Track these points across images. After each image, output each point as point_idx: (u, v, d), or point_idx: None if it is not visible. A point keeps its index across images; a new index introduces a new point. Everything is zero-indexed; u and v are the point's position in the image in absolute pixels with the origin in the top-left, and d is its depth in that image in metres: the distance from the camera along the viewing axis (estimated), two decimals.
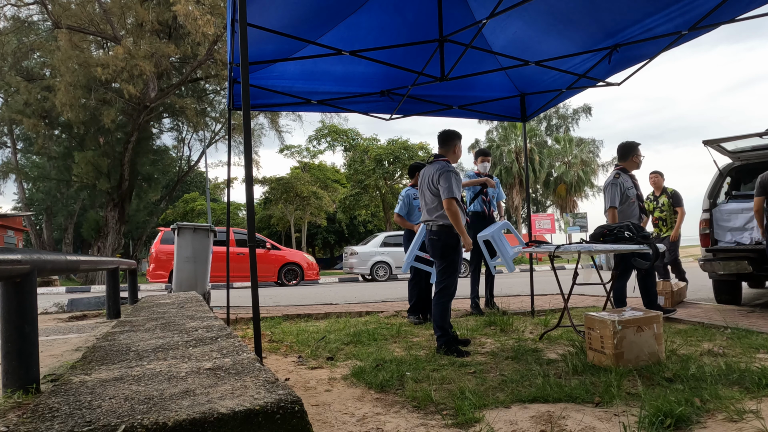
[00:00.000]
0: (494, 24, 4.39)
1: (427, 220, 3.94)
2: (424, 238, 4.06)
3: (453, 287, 3.87)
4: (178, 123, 24.74)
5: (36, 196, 28.68)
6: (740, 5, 3.60)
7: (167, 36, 18.46)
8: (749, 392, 2.56)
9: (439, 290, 3.84)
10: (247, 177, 2.73)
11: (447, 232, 3.81)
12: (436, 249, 3.87)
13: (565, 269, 17.05)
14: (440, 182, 3.77)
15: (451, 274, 3.85)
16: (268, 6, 3.79)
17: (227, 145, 5.61)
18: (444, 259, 3.84)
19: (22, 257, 1.68)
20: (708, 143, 5.99)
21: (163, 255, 12.43)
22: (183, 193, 35.74)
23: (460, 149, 4.08)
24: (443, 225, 3.81)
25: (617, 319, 3.21)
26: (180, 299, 4.68)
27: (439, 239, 3.83)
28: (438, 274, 3.91)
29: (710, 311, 5.44)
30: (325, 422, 2.37)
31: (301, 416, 1.18)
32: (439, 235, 3.83)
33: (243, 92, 2.65)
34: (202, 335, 2.34)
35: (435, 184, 3.81)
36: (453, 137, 4.02)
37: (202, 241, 6.67)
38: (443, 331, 3.80)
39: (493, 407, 2.50)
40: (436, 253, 3.89)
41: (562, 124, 37.28)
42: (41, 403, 1.30)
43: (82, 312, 6.08)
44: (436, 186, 3.80)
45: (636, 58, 4.54)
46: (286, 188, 26.88)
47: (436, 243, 3.86)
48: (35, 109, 18.51)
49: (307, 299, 9.20)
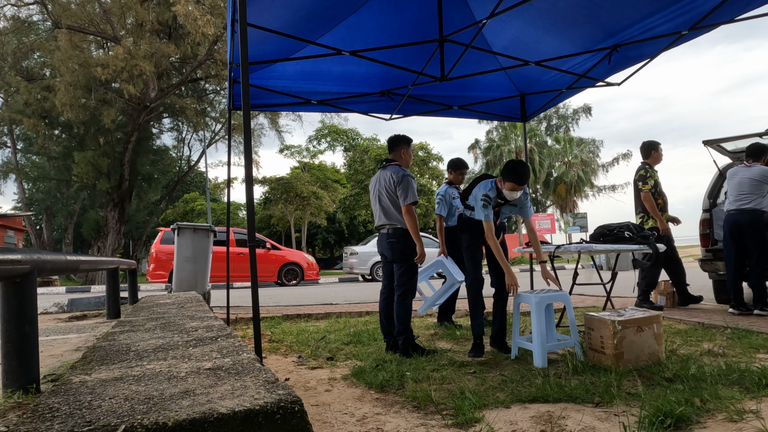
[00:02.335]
0: (494, 24, 4.39)
1: (384, 224, 3.96)
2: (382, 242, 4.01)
3: (415, 288, 3.96)
4: (178, 123, 24.75)
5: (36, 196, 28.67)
6: (740, 5, 3.60)
7: (167, 36, 18.45)
8: (749, 392, 2.56)
9: (402, 293, 3.88)
10: (247, 177, 2.73)
11: (407, 235, 3.86)
12: (395, 252, 3.90)
13: (565, 269, 17.05)
14: (399, 188, 3.83)
15: (411, 275, 3.91)
16: (268, 6, 3.79)
17: (227, 145, 5.61)
18: (404, 261, 3.88)
19: (22, 257, 1.68)
20: (708, 143, 5.99)
21: (163, 255, 12.43)
22: (183, 193, 35.73)
23: (408, 154, 4.11)
24: (402, 228, 3.86)
25: (617, 319, 3.21)
26: (180, 299, 4.68)
27: (398, 242, 3.87)
28: (399, 277, 3.91)
29: (710, 311, 5.44)
30: (325, 422, 2.37)
31: (301, 416, 1.18)
32: (398, 238, 3.88)
33: (243, 92, 2.65)
34: (202, 335, 2.34)
35: (392, 190, 3.87)
36: (400, 142, 4.07)
37: (202, 241, 6.67)
38: (409, 332, 3.84)
39: (493, 407, 2.50)
40: (396, 257, 3.90)
41: (562, 124, 37.25)
42: (41, 403, 1.30)
43: (82, 312, 6.08)
44: (393, 191, 3.87)
45: (636, 58, 4.54)
46: (286, 188, 26.86)
47: (395, 246, 3.89)
48: (35, 109, 18.50)
49: (307, 299, 9.20)
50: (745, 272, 5.25)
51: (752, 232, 5.09)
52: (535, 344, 3.34)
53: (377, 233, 4.10)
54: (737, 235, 5.19)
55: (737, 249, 5.20)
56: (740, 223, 5.15)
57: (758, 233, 5.08)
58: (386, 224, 3.95)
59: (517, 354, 3.62)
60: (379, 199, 3.99)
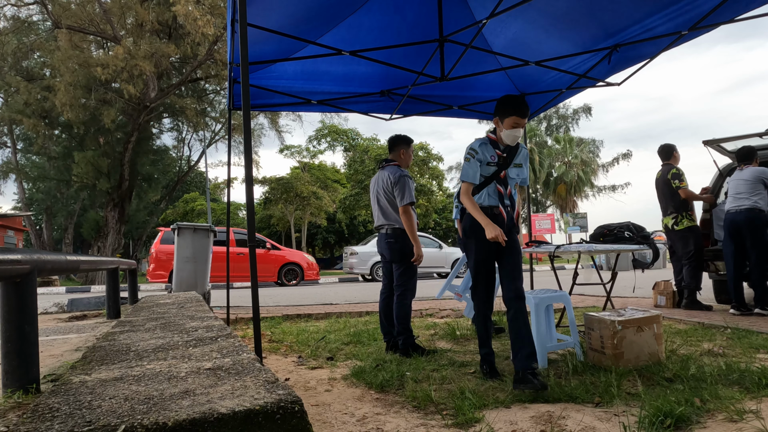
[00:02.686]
0: (494, 24, 4.39)
1: (383, 224, 3.96)
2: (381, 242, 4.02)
3: (414, 289, 3.97)
4: (178, 123, 24.75)
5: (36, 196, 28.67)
6: (740, 5, 3.60)
7: (167, 36, 18.45)
8: (749, 392, 2.56)
9: (402, 293, 3.89)
10: (247, 177, 2.73)
11: (404, 235, 3.86)
12: (394, 252, 3.90)
13: (565, 269, 17.05)
14: (396, 188, 3.85)
15: (411, 276, 3.92)
16: (268, 6, 3.79)
17: (227, 145, 5.61)
18: (403, 262, 3.89)
19: (22, 257, 1.68)
20: (708, 143, 6.00)
21: (163, 255, 12.43)
22: (183, 193, 35.73)
23: (408, 154, 4.10)
24: (400, 228, 3.87)
25: (617, 319, 3.21)
26: (180, 299, 4.68)
27: (397, 242, 3.88)
28: (398, 277, 3.92)
29: (710, 311, 5.44)
30: (325, 422, 2.37)
31: (301, 416, 1.18)
32: (397, 238, 3.88)
33: (243, 92, 2.65)
34: (202, 335, 2.34)
35: (390, 190, 3.88)
36: (400, 142, 4.08)
37: (202, 241, 6.67)
38: (409, 332, 3.85)
39: (493, 407, 2.50)
40: (395, 257, 3.91)
41: (562, 124, 37.25)
42: (41, 403, 1.30)
43: (82, 312, 6.08)
44: (391, 191, 3.88)
45: (636, 58, 4.54)
46: (286, 188, 26.86)
47: (393, 246, 3.89)
48: (35, 109, 18.50)
49: (307, 299, 9.20)
50: (746, 272, 5.25)
51: (750, 231, 5.10)
52: (535, 344, 3.33)
53: (377, 233, 4.10)
54: (736, 235, 5.20)
55: (737, 248, 5.21)
56: (738, 222, 5.17)
57: (756, 232, 5.09)
58: (385, 224, 3.96)
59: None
60: (377, 200, 4.00)
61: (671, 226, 5.74)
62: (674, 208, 5.69)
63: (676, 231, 5.71)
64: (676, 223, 5.67)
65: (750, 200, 5.13)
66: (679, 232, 5.69)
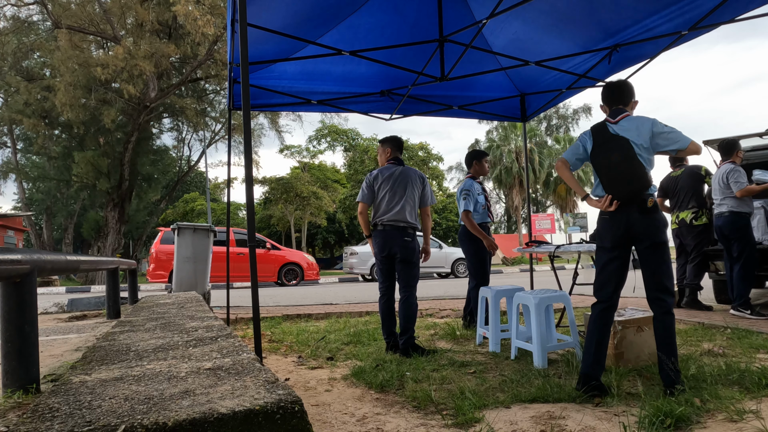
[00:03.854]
0: (494, 24, 4.39)
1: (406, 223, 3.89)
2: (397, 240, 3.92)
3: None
4: (178, 123, 24.77)
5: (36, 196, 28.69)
6: (740, 5, 3.60)
7: (167, 36, 18.46)
8: (749, 392, 2.56)
9: (412, 292, 3.90)
10: (247, 177, 2.73)
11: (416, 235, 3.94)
12: (411, 251, 3.89)
13: (565, 269, 17.05)
14: (424, 188, 3.92)
15: (418, 274, 3.95)
16: (268, 6, 3.79)
17: (227, 145, 5.61)
18: (417, 261, 3.93)
19: (22, 257, 1.68)
20: (708, 143, 5.99)
21: (163, 255, 12.43)
22: (183, 193, 35.75)
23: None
24: (416, 228, 3.93)
25: (617, 319, 3.21)
26: (180, 299, 4.68)
27: (413, 240, 3.92)
28: (413, 277, 3.91)
29: (710, 311, 5.44)
30: (325, 422, 2.37)
31: (301, 416, 1.18)
32: (413, 237, 3.92)
33: (243, 92, 2.65)
34: (202, 335, 2.34)
35: (419, 189, 3.94)
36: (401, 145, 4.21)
37: (202, 241, 6.67)
38: (412, 332, 3.86)
39: (493, 407, 2.50)
40: (411, 256, 3.88)
41: (562, 124, 37.27)
42: (41, 403, 1.30)
43: (82, 312, 6.08)
44: (420, 191, 3.94)
45: (636, 58, 4.54)
46: (286, 188, 26.87)
47: (411, 245, 3.90)
48: (35, 109, 18.52)
49: (307, 299, 9.20)
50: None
51: (732, 234, 5.09)
52: (534, 345, 3.33)
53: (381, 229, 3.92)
54: (722, 239, 5.21)
55: (728, 251, 5.22)
56: (720, 228, 5.19)
57: (737, 235, 5.06)
58: (407, 223, 3.89)
59: (517, 354, 3.62)
60: (406, 197, 3.91)
61: (689, 220, 5.67)
62: (697, 203, 5.65)
63: (694, 225, 5.65)
64: (695, 217, 5.62)
65: (723, 204, 5.15)
66: (696, 227, 5.64)
